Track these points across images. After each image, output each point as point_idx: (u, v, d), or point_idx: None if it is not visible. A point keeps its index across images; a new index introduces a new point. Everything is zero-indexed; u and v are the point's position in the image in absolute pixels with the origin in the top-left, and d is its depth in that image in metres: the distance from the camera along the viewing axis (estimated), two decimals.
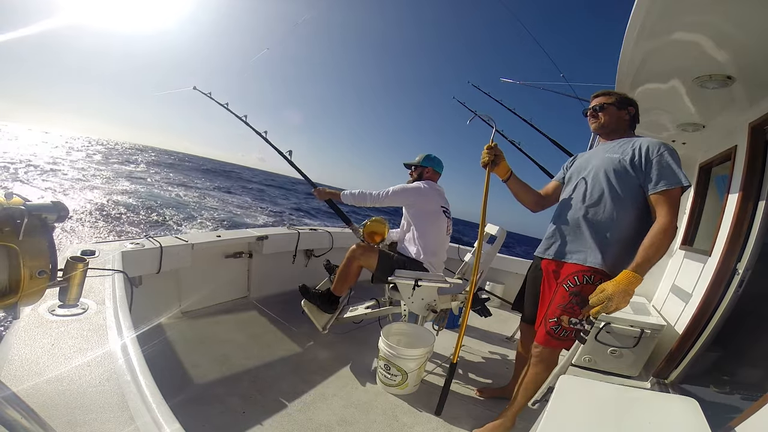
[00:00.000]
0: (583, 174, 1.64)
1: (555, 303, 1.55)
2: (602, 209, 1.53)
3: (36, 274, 0.55)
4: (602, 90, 1.71)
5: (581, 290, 1.47)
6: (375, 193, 2.39)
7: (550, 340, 1.53)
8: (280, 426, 1.55)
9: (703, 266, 2.33)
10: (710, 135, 2.52)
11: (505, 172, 1.79)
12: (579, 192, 1.62)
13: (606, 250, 1.49)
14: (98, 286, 1.27)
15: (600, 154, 1.62)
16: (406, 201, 2.39)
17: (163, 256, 2.11)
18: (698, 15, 1.38)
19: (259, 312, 2.73)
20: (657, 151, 1.45)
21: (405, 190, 2.38)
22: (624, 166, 1.50)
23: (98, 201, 11.95)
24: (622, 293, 1.27)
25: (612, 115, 1.64)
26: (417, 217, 2.37)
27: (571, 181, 1.70)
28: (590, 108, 1.70)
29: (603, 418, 1.03)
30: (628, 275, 1.29)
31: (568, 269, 1.55)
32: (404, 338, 2.10)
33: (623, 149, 1.54)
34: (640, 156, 1.47)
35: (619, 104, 1.63)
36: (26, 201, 0.56)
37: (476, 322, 3.01)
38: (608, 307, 1.27)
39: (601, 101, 1.66)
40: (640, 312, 2.50)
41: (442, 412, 1.76)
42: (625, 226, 1.49)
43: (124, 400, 0.73)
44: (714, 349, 2.09)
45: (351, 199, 2.43)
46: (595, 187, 1.56)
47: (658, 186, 1.41)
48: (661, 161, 1.42)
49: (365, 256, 2.24)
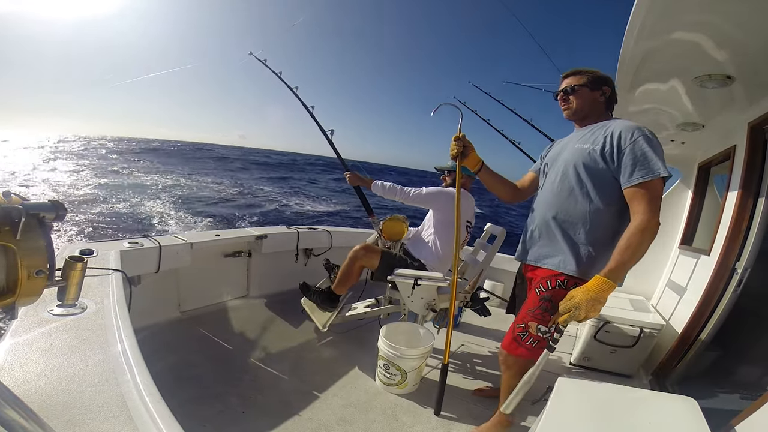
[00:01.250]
0: (553, 167, 1.49)
1: (524, 307, 1.46)
2: (572, 208, 1.38)
3: (34, 273, 0.54)
4: (572, 69, 1.49)
5: (552, 296, 1.37)
6: (407, 190, 2.33)
7: (515, 347, 1.44)
8: (280, 426, 1.55)
9: (702, 265, 2.33)
10: (709, 135, 2.53)
11: (476, 163, 1.67)
12: (549, 188, 1.48)
13: (579, 253, 1.36)
14: (97, 286, 1.26)
15: (572, 144, 1.45)
16: (438, 205, 2.32)
17: (162, 256, 2.10)
18: (698, 15, 1.38)
19: (259, 311, 2.73)
20: (630, 137, 1.26)
21: (442, 193, 2.31)
22: (594, 158, 1.33)
23: (99, 197, 11.96)
24: (592, 301, 1.15)
25: (584, 98, 1.45)
26: (442, 223, 2.31)
27: (543, 174, 1.57)
28: (560, 91, 1.49)
29: (602, 417, 1.03)
30: (599, 281, 1.18)
31: (541, 273, 1.44)
32: (404, 337, 2.10)
33: (595, 137, 1.36)
34: (612, 145, 1.29)
35: (593, 85, 1.44)
36: (24, 200, 0.56)
37: (476, 321, 3.01)
38: (576, 316, 1.16)
39: (571, 82, 1.46)
40: (639, 311, 2.50)
41: (442, 412, 1.76)
42: (600, 226, 1.35)
43: (122, 400, 0.73)
44: (713, 349, 2.09)
45: (381, 190, 2.37)
46: (564, 184, 1.41)
47: (632, 178, 1.24)
48: (635, 149, 1.25)
49: (368, 257, 2.23)
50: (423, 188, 2.34)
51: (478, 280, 2.37)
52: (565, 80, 1.49)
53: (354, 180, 2.57)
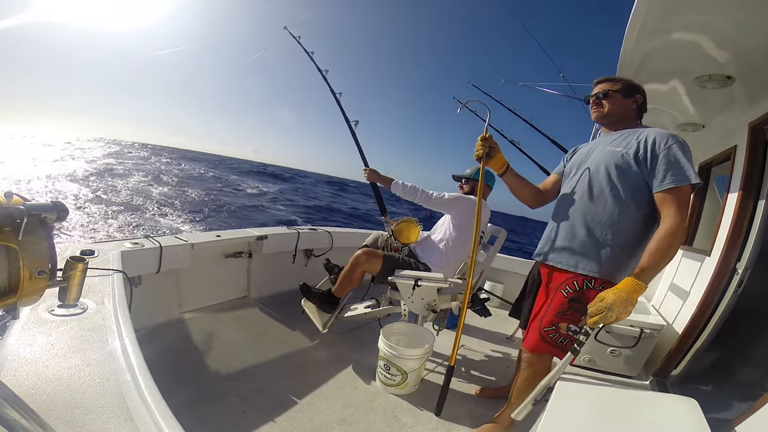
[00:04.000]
0: (582, 169, 1.50)
1: (552, 310, 1.43)
2: (602, 209, 1.38)
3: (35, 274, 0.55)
4: (606, 76, 1.53)
5: (581, 296, 1.37)
6: (430, 192, 2.30)
7: (541, 345, 1.43)
8: (280, 426, 1.55)
9: (703, 266, 2.33)
10: (710, 135, 2.53)
11: (501, 165, 1.66)
12: (577, 189, 1.48)
13: (606, 255, 1.37)
14: (98, 286, 1.26)
15: (602, 147, 1.47)
16: (459, 210, 2.30)
17: (163, 256, 2.10)
18: (698, 15, 1.38)
19: (259, 312, 2.73)
20: (665, 143, 1.29)
21: (465, 199, 2.30)
22: (627, 161, 1.34)
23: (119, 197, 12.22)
24: (624, 302, 1.14)
25: (617, 104, 1.47)
26: (459, 228, 2.29)
27: (570, 175, 1.56)
28: (593, 95, 1.52)
29: (602, 418, 1.03)
30: (630, 283, 1.17)
31: (565, 275, 1.43)
32: (404, 338, 2.10)
33: (627, 142, 1.38)
34: (646, 149, 1.31)
35: (626, 92, 1.46)
36: (26, 201, 0.56)
37: (476, 321, 3.01)
38: (608, 318, 1.14)
39: (605, 88, 1.48)
40: (639, 312, 2.50)
41: (442, 412, 1.76)
42: (627, 229, 1.36)
43: (123, 400, 0.73)
44: (713, 349, 2.09)
45: (401, 190, 2.35)
46: (594, 185, 1.42)
47: (664, 183, 1.26)
48: (669, 155, 1.27)
49: (370, 262, 2.21)
50: (445, 192, 2.32)
51: (479, 280, 2.36)
52: (599, 85, 1.51)
53: (373, 176, 2.53)
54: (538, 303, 1.53)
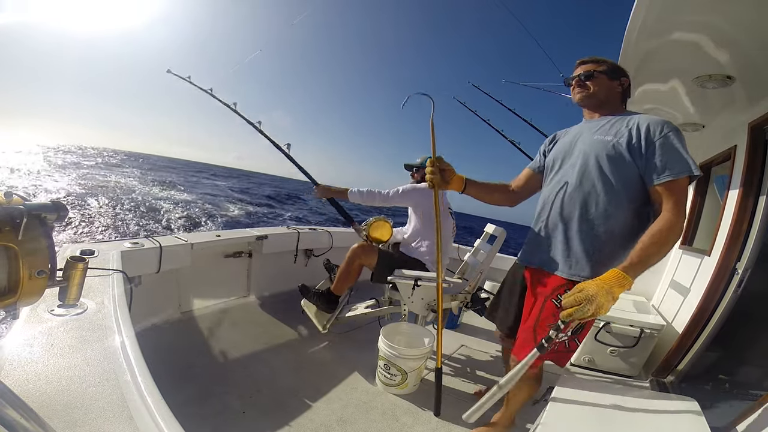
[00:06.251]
0: (568, 162, 1.38)
1: (544, 320, 1.30)
2: (594, 206, 1.27)
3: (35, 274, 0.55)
4: (590, 56, 1.41)
5: None
6: (385, 192, 2.36)
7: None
8: (280, 426, 1.55)
9: (703, 266, 2.33)
10: (710, 135, 2.53)
11: (460, 186, 1.55)
12: (564, 186, 1.35)
13: (595, 253, 1.26)
14: (98, 286, 1.26)
15: (587, 136, 1.34)
16: (414, 201, 2.37)
17: (163, 256, 2.10)
18: (698, 15, 1.38)
19: (259, 312, 2.73)
20: (660, 131, 1.18)
21: (415, 190, 2.37)
22: (619, 152, 1.23)
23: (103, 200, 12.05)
24: (605, 294, 1.01)
25: (603, 85, 1.36)
26: (425, 217, 2.36)
27: (554, 170, 1.43)
28: (575, 76, 1.39)
29: (602, 418, 1.03)
30: (616, 274, 1.05)
31: (556, 281, 1.31)
32: (404, 338, 2.10)
33: (617, 129, 1.26)
34: (639, 138, 1.20)
35: (612, 74, 1.36)
36: (25, 201, 0.56)
37: (476, 321, 3.02)
38: (584, 311, 1.00)
39: (590, 68, 1.37)
40: (639, 312, 2.50)
41: (442, 412, 1.76)
42: (619, 226, 1.25)
43: (123, 400, 0.73)
44: (713, 349, 2.09)
45: (359, 198, 2.37)
46: (584, 180, 1.29)
47: (663, 175, 1.16)
48: (666, 144, 1.17)
49: (365, 254, 2.24)
50: (399, 187, 2.38)
51: (478, 280, 2.37)
52: (583, 65, 1.40)
53: (324, 192, 2.49)
54: (527, 309, 1.42)
